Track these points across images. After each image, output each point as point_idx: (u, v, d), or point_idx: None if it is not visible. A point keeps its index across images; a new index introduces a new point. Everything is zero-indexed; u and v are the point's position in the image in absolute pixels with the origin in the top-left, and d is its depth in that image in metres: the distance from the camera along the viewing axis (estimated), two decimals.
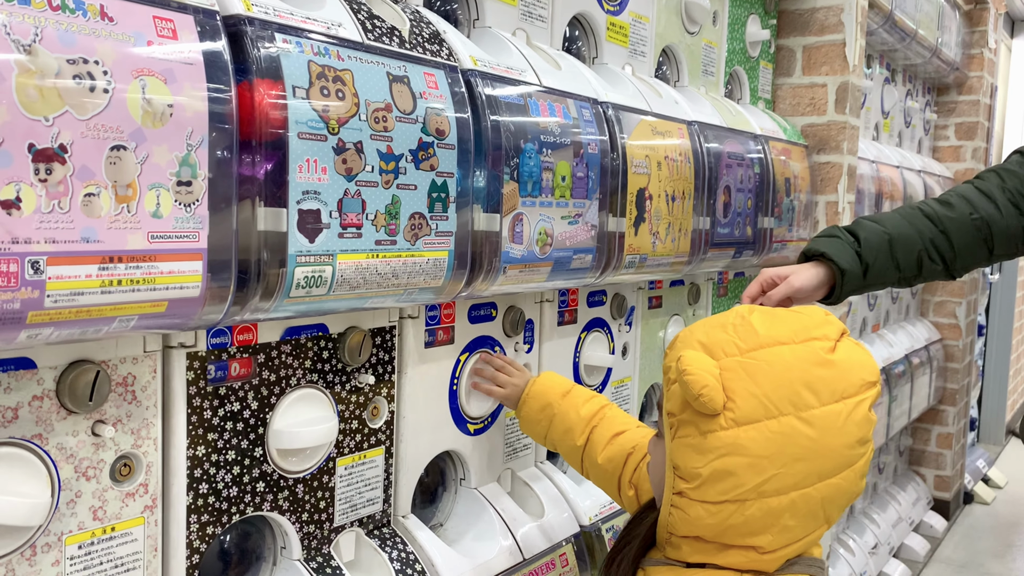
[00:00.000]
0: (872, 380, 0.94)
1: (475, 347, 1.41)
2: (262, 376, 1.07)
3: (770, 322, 0.96)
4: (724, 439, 0.91)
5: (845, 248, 1.40)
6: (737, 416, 0.91)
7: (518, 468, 1.53)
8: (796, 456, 0.90)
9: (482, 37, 1.36)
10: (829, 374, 0.92)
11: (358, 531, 1.22)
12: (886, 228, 1.44)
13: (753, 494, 0.91)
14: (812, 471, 0.91)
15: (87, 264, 0.75)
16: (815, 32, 2.32)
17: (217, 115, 0.84)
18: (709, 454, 0.92)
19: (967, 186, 1.51)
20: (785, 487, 0.91)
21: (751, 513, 0.91)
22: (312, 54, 0.95)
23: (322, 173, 0.95)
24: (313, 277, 0.96)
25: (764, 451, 0.90)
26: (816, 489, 0.92)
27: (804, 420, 0.90)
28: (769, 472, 0.90)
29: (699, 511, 0.94)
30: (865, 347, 0.98)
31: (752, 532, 0.93)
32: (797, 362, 0.92)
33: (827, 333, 0.95)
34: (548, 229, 1.31)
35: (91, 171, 0.75)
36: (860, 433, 0.93)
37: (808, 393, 0.91)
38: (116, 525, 0.94)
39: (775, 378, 0.91)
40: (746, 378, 0.92)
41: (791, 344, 0.93)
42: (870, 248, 1.40)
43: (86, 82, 0.74)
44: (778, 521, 0.92)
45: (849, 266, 1.38)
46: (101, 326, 0.80)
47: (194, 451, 1.00)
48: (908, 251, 1.42)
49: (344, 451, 1.19)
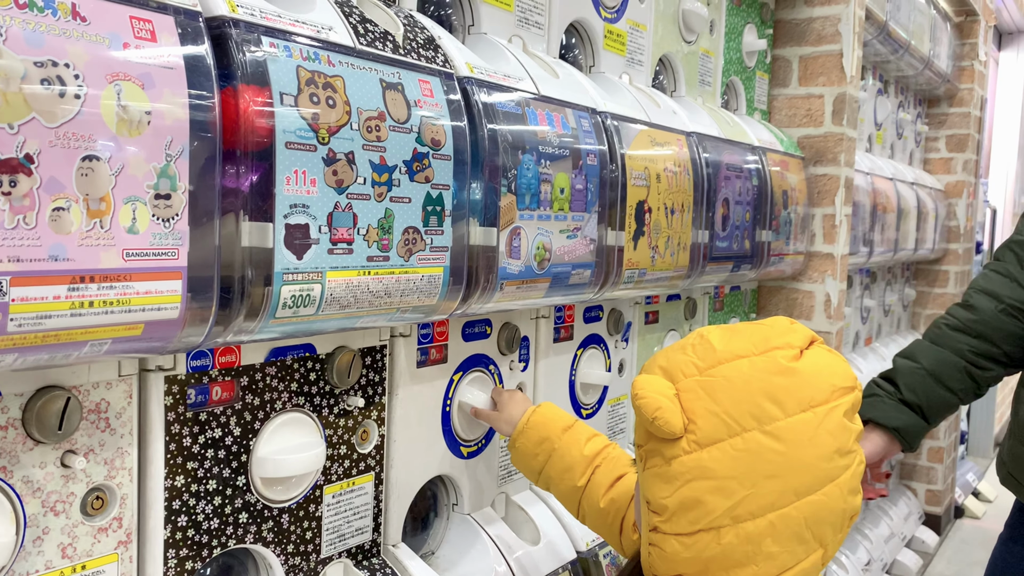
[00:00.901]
0: (845, 385, 0.88)
1: (469, 366, 1.35)
2: (245, 400, 1.01)
3: (729, 337, 0.90)
4: (688, 464, 0.85)
5: (888, 405, 1.40)
6: (699, 438, 0.85)
7: (512, 492, 1.47)
8: (766, 473, 0.84)
9: (478, 43, 1.31)
10: (792, 382, 0.86)
11: (346, 562, 1.16)
12: (921, 364, 1.42)
13: (726, 520, 0.84)
14: (787, 488, 0.84)
15: (55, 284, 0.69)
16: (812, 42, 2.29)
17: (199, 123, 0.78)
18: (675, 481, 0.86)
19: (985, 274, 1.48)
20: (760, 508, 0.84)
21: (728, 541, 0.85)
22: (301, 59, 0.89)
23: (311, 185, 0.89)
24: (301, 296, 0.90)
25: (731, 471, 0.84)
26: (795, 508, 0.85)
27: (769, 434, 0.84)
28: (739, 494, 0.84)
29: (675, 545, 0.87)
30: (839, 354, 0.92)
31: (734, 563, 0.86)
32: (756, 374, 0.86)
33: (790, 341, 0.89)
34: (546, 243, 1.26)
35: (60, 183, 0.69)
36: (837, 443, 0.86)
37: (771, 405, 0.85)
38: (87, 563, 0.87)
39: (734, 393, 0.85)
40: (705, 397, 0.86)
41: (750, 357, 0.88)
42: (913, 391, 1.40)
43: (55, 87, 0.68)
44: (759, 548, 0.85)
45: (901, 422, 1.38)
46: (71, 351, 0.73)
47: (172, 481, 0.94)
48: (954, 374, 1.40)
49: (332, 478, 1.12)
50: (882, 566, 3.37)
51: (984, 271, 1.51)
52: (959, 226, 3.85)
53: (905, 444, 1.40)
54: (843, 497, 0.86)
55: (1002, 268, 1.46)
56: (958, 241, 3.86)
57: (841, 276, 2.32)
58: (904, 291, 3.82)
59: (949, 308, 1.50)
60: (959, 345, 1.43)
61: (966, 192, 3.87)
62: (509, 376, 1.43)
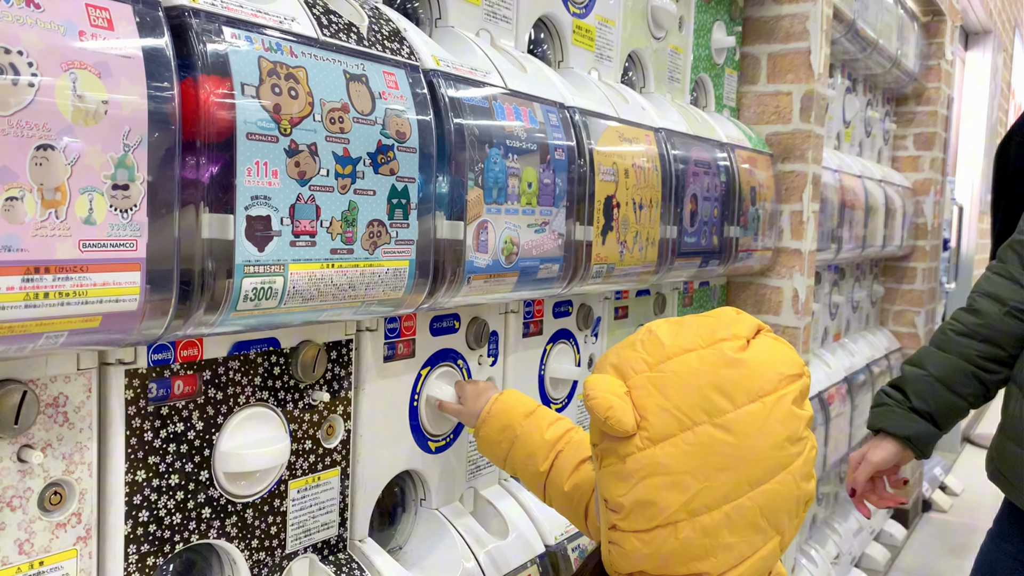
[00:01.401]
0: (792, 373, 0.88)
1: (437, 360, 1.35)
2: (208, 394, 1.00)
3: (676, 331, 0.91)
4: (642, 460, 0.86)
5: (898, 413, 1.42)
6: (651, 434, 0.86)
7: (481, 487, 1.47)
8: (719, 466, 0.85)
9: (444, 37, 1.31)
10: (739, 374, 0.86)
11: (312, 557, 1.15)
12: (929, 371, 1.44)
13: (683, 514, 0.85)
14: (740, 479, 0.85)
15: (9, 275, 0.68)
16: (780, 40, 2.31)
17: (158, 114, 0.77)
18: (631, 479, 0.87)
19: (987, 277, 1.49)
20: (715, 501, 0.85)
21: (685, 536, 0.86)
22: (263, 50, 0.89)
23: (273, 177, 0.89)
24: (262, 288, 0.89)
25: (684, 466, 0.85)
26: (750, 498, 0.85)
27: (720, 426, 0.85)
28: (694, 488, 0.85)
29: (634, 543, 0.88)
30: (785, 342, 0.93)
31: (693, 557, 0.86)
32: (705, 367, 0.87)
33: (736, 332, 0.90)
34: (514, 238, 1.26)
35: (13, 172, 0.68)
36: (787, 431, 0.87)
37: (720, 397, 0.85)
38: (45, 559, 0.86)
39: (683, 388, 0.86)
40: (655, 393, 0.87)
41: (698, 350, 0.88)
42: (922, 399, 1.42)
43: (8, 75, 0.67)
44: (717, 540, 0.86)
45: (912, 430, 1.40)
46: (25, 343, 0.72)
47: (133, 476, 0.93)
48: (963, 379, 1.42)
49: (297, 473, 1.12)
50: (851, 559, 3.41)
51: (987, 273, 1.51)
52: (927, 223, 3.90)
53: (918, 452, 1.42)
54: (796, 484, 0.87)
55: (1004, 270, 1.47)
56: (925, 238, 3.91)
57: (809, 272, 2.34)
58: (872, 288, 3.87)
59: (954, 313, 1.51)
60: (966, 350, 1.44)
61: (933, 190, 3.92)
62: (478, 371, 1.43)
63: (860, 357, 3.45)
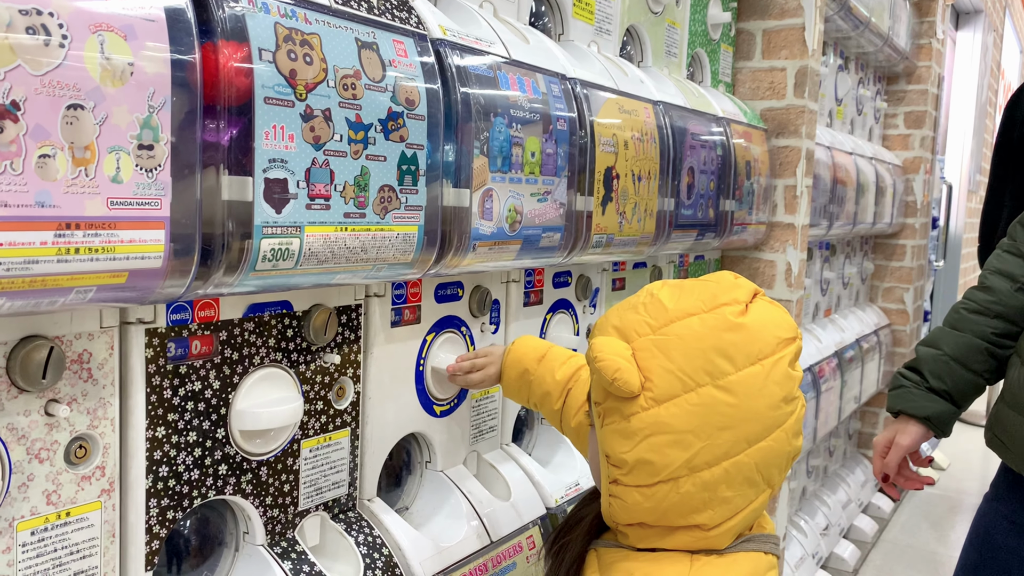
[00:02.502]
0: (788, 336, 0.93)
1: (442, 327, 1.38)
2: (224, 354, 1.03)
3: (678, 295, 0.94)
4: (646, 419, 0.90)
5: (916, 395, 1.46)
6: (656, 394, 0.89)
7: (484, 450, 1.50)
8: (720, 425, 0.89)
9: (449, 7, 1.33)
10: (741, 338, 0.90)
11: (323, 515, 1.18)
12: (944, 350, 1.47)
13: (684, 470, 0.89)
14: (740, 438, 0.89)
15: (42, 230, 0.71)
16: (775, 16, 2.33)
17: (180, 76, 0.80)
18: (635, 437, 0.90)
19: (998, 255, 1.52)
20: (715, 458, 0.89)
21: (686, 490, 0.90)
22: (279, 16, 0.91)
23: (289, 141, 0.91)
24: (280, 250, 0.92)
25: (687, 425, 0.89)
26: (747, 455, 0.90)
27: (722, 388, 0.89)
28: (696, 446, 0.89)
29: (635, 496, 0.92)
30: (780, 305, 0.97)
31: (692, 510, 0.91)
32: (707, 331, 0.90)
33: (736, 297, 0.93)
34: (518, 206, 1.29)
35: (46, 131, 0.70)
36: (783, 392, 0.91)
37: (722, 360, 0.89)
38: (71, 510, 0.89)
39: (687, 350, 0.90)
40: (660, 355, 0.90)
41: (700, 314, 0.92)
42: (939, 378, 1.45)
43: (40, 36, 0.69)
44: (715, 494, 0.90)
45: (931, 410, 1.44)
46: (57, 297, 0.75)
47: (153, 432, 0.96)
48: (978, 356, 1.45)
49: (309, 433, 1.15)
50: (839, 531, 3.47)
51: (997, 251, 1.54)
52: (916, 201, 3.95)
53: (937, 431, 1.46)
54: (788, 440, 0.92)
55: (1014, 248, 1.50)
56: (915, 216, 3.95)
57: (802, 246, 2.37)
58: (863, 264, 3.91)
59: (966, 292, 1.54)
60: (979, 327, 1.47)
61: (923, 168, 3.96)
62: (480, 338, 1.46)
63: (850, 333, 3.49)
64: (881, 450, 1.52)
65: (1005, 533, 1.39)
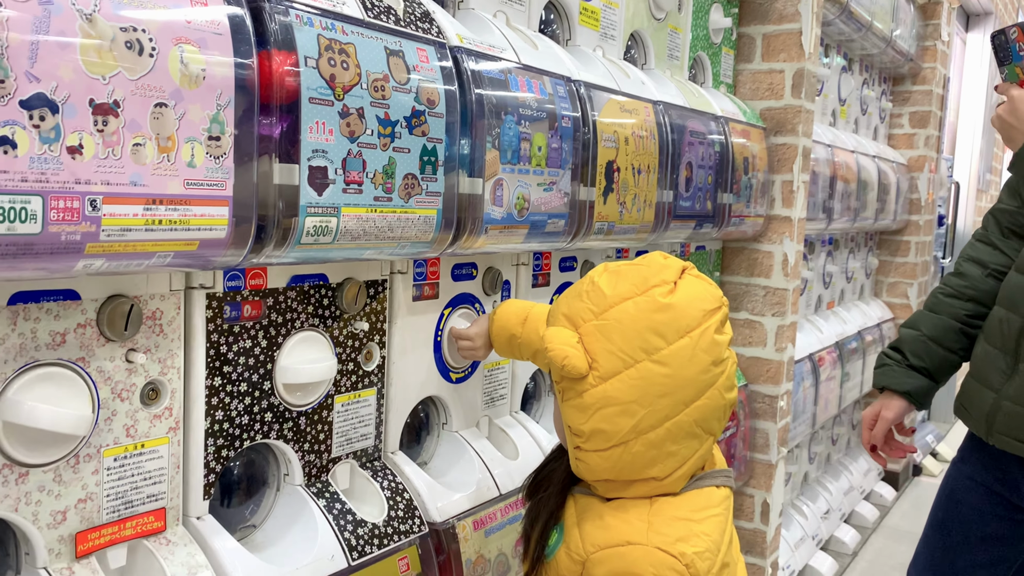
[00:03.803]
0: (711, 308, 1.08)
1: (457, 303, 1.54)
2: (271, 318, 1.20)
3: (615, 281, 1.10)
4: (596, 395, 1.06)
5: (898, 371, 1.61)
6: (602, 373, 1.06)
7: (495, 416, 1.67)
8: (659, 393, 1.05)
9: (466, 17, 1.49)
10: (669, 316, 1.06)
11: (352, 463, 1.35)
12: (922, 331, 1.62)
13: (632, 435, 1.06)
14: (677, 401, 1.05)
15: (135, 204, 0.88)
16: (774, 21, 2.48)
17: (241, 80, 0.96)
18: (588, 410, 1.07)
19: (972, 243, 1.67)
20: (657, 421, 1.05)
21: (637, 450, 1.06)
22: (321, 28, 1.08)
23: (329, 134, 1.08)
24: (321, 227, 1.08)
25: (630, 396, 1.05)
26: (686, 414, 1.06)
27: (657, 361, 1.05)
28: (640, 413, 1.05)
29: (596, 459, 1.09)
30: (707, 278, 1.12)
31: (644, 466, 1.07)
32: (641, 313, 1.06)
33: (665, 278, 1.09)
34: (525, 194, 1.45)
35: (139, 124, 0.87)
36: (711, 357, 1.06)
37: (655, 337, 1.05)
38: (145, 443, 1.06)
39: (625, 332, 1.06)
40: (602, 339, 1.07)
41: (634, 298, 1.08)
42: (918, 356, 1.60)
43: (135, 49, 0.86)
44: (662, 450, 1.07)
45: (911, 385, 1.59)
46: (143, 260, 0.92)
47: (211, 381, 1.13)
48: (952, 336, 1.60)
49: (341, 389, 1.32)
50: (840, 515, 3.61)
51: (971, 240, 1.70)
52: (920, 199, 4.07)
53: (917, 404, 1.61)
54: (721, 395, 1.09)
55: (985, 237, 1.65)
56: (919, 213, 4.08)
57: (798, 238, 2.52)
58: (867, 260, 4.04)
59: (943, 278, 1.71)
60: (954, 310, 1.62)
61: (927, 166, 4.08)
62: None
63: (852, 325, 3.63)
64: (868, 422, 1.67)
65: (967, 490, 1.53)
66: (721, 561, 1.09)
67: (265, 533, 1.25)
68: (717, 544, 1.09)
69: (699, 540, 1.06)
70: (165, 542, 1.08)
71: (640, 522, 1.08)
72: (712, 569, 1.06)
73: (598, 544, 1.08)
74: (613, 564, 1.06)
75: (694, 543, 1.06)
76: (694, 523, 1.09)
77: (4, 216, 0.77)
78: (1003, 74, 1.38)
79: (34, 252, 0.81)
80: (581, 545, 1.10)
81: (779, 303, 2.50)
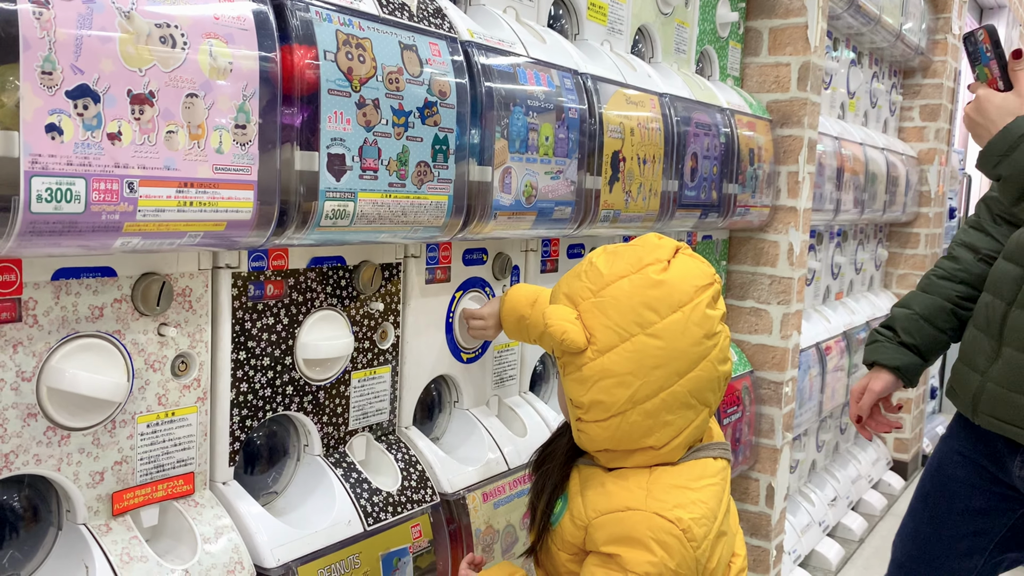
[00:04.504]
0: (704, 283, 1.14)
1: (468, 286, 1.61)
2: (292, 297, 1.27)
3: (612, 261, 1.17)
4: (594, 368, 1.13)
5: (889, 347, 1.67)
6: (599, 347, 1.12)
7: (504, 396, 1.74)
8: (653, 365, 1.11)
9: (477, 13, 1.56)
10: (662, 292, 1.12)
11: (368, 436, 1.43)
12: (915, 310, 1.68)
13: (629, 405, 1.12)
14: (671, 372, 1.12)
15: (168, 187, 0.95)
16: (780, 15, 2.53)
17: (265, 72, 1.04)
18: (587, 383, 1.13)
19: (964, 229, 1.73)
20: (652, 392, 1.12)
21: (634, 420, 1.13)
22: (339, 24, 1.15)
23: (347, 124, 1.15)
24: (339, 210, 1.16)
25: (626, 368, 1.11)
26: (680, 385, 1.12)
27: (651, 335, 1.11)
28: (635, 384, 1.11)
29: (595, 430, 1.15)
30: (700, 257, 1.18)
31: (642, 435, 1.14)
32: (635, 289, 1.13)
33: (658, 256, 1.15)
34: (533, 182, 1.52)
35: (172, 113, 0.94)
36: (703, 330, 1.12)
37: (649, 312, 1.11)
38: (176, 411, 1.14)
39: (620, 308, 1.12)
40: (599, 315, 1.13)
41: (629, 276, 1.14)
42: (909, 334, 1.66)
43: (169, 43, 0.93)
44: (658, 420, 1.13)
45: (901, 361, 1.65)
46: (175, 239, 0.99)
47: (237, 355, 1.20)
48: (944, 316, 1.66)
49: (358, 366, 1.39)
50: (848, 503, 3.66)
51: (963, 226, 1.76)
52: (930, 191, 4.10)
53: (906, 380, 1.67)
54: (715, 367, 1.15)
55: (977, 223, 1.71)
56: (929, 205, 4.11)
57: (804, 228, 2.57)
58: (877, 251, 4.08)
59: (937, 261, 1.77)
60: (946, 291, 1.68)
61: (937, 159, 4.12)
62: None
63: (860, 315, 3.67)
64: (856, 396, 1.72)
65: (954, 464, 1.59)
66: (718, 529, 1.15)
67: (287, 500, 1.33)
68: (714, 512, 1.15)
69: (696, 507, 1.13)
70: (194, 504, 1.15)
71: (639, 489, 1.14)
72: (709, 535, 1.12)
73: (599, 510, 1.15)
74: (613, 528, 1.13)
75: (691, 510, 1.12)
76: (691, 491, 1.15)
77: (52, 196, 0.85)
78: (975, 74, 1.45)
79: (78, 230, 0.89)
80: (584, 511, 1.17)
81: (784, 292, 2.56)
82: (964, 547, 1.57)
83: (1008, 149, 1.29)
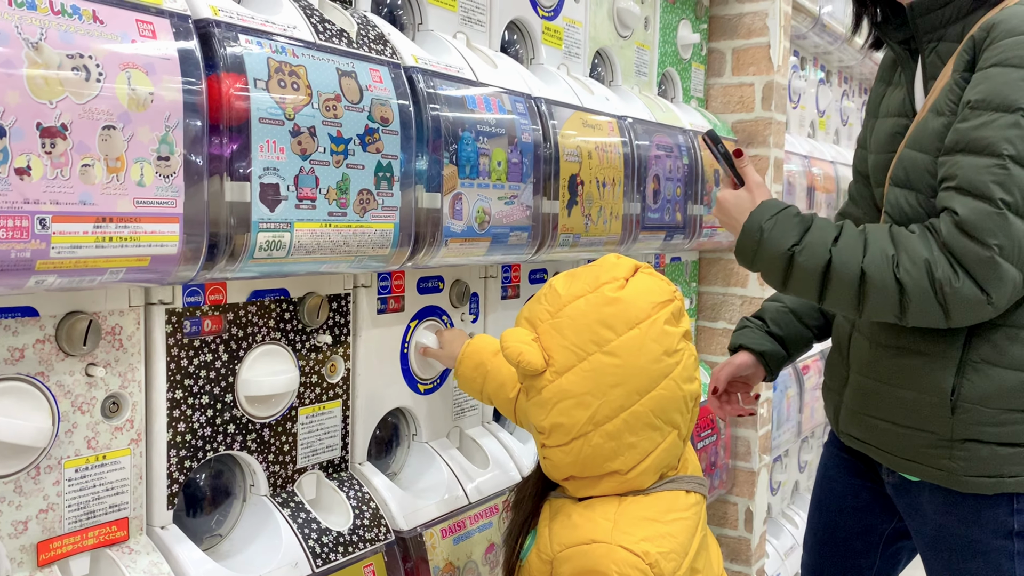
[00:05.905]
0: (662, 300, 1.11)
1: (424, 315, 1.58)
2: (231, 332, 1.23)
3: (570, 282, 1.15)
4: (553, 390, 1.10)
5: (757, 334, 1.65)
6: (557, 368, 1.10)
7: (467, 426, 1.70)
8: (611, 383, 1.08)
9: (425, 39, 1.54)
10: (618, 309, 1.10)
11: (319, 473, 1.38)
12: (785, 303, 1.68)
13: (589, 426, 1.09)
14: (631, 391, 1.08)
15: (84, 222, 0.91)
16: (743, 35, 2.53)
17: (190, 103, 1.00)
18: (547, 405, 1.11)
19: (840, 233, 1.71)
20: (613, 412, 1.08)
21: (596, 442, 1.09)
22: (271, 52, 1.12)
23: (280, 152, 1.12)
24: (274, 241, 1.12)
25: (584, 388, 1.09)
26: (641, 404, 1.09)
27: (608, 352, 1.08)
28: (594, 404, 1.08)
29: (559, 455, 1.12)
30: (661, 276, 1.16)
31: (605, 458, 1.10)
32: (591, 308, 1.10)
33: (615, 275, 1.13)
34: (486, 208, 1.49)
35: (87, 146, 0.91)
36: (662, 347, 1.09)
37: (604, 330, 1.09)
38: (107, 454, 1.10)
39: (576, 327, 1.10)
40: (557, 335, 1.11)
41: (586, 295, 1.12)
42: (777, 325, 1.65)
43: (82, 73, 0.90)
44: (621, 441, 1.09)
45: (766, 348, 1.63)
46: (95, 276, 0.96)
47: (173, 394, 1.16)
48: (812, 312, 1.65)
49: (305, 401, 1.35)
50: None
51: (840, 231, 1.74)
52: None
53: (768, 369, 1.64)
54: (679, 386, 1.11)
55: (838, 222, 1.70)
56: None
57: None
58: None
59: None
60: None
61: None
62: (461, 327, 1.66)
63: None
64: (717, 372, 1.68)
65: (837, 467, 1.57)
66: (689, 565, 1.11)
67: (231, 543, 1.28)
68: (684, 547, 1.11)
69: (665, 541, 1.09)
70: (128, 551, 1.11)
71: (606, 521, 1.10)
72: (678, 571, 1.08)
73: (564, 543, 1.11)
74: (578, 562, 1.09)
75: (659, 543, 1.08)
76: (660, 524, 1.11)
77: None
78: None
79: None
80: (549, 545, 1.13)
81: None
82: (859, 546, 1.56)
83: (755, 245, 1.29)
